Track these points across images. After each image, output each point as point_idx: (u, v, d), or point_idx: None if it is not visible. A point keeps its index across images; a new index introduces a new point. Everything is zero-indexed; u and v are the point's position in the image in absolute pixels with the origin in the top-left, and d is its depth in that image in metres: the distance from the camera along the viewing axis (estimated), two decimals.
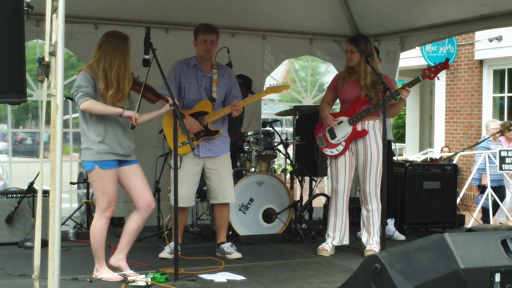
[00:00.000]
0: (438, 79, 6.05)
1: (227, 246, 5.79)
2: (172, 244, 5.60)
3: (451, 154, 11.56)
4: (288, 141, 6.92)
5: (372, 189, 5.77)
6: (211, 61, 5.80)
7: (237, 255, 5.74)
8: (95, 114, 4.71)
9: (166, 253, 5.63)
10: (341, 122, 5.86)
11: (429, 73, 5.72)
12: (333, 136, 5.88)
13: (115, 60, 4.70)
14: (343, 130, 5.84)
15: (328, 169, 6.27)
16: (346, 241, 5.97)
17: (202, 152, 5.69)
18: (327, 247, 5.87)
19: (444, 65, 5.71)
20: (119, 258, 4.92)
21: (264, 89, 6.16)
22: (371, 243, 5.79)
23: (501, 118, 12.30)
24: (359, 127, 5.80)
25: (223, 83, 5.77)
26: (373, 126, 5.81)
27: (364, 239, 5.87)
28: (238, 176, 6.54)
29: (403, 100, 5.73)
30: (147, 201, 4.89)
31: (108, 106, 4.68)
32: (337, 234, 5.90)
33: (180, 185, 5.52)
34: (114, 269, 4.91)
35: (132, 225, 4.92)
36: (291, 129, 7.63)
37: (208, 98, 5.72)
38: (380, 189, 5.80)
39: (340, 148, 5.82)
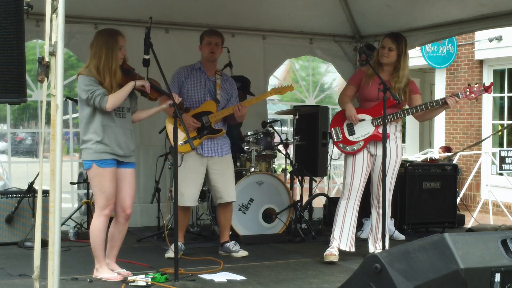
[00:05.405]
0: (477, 101, 5.87)
1: (232, 245, 5.85)
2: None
3: (450, 154, 11.55)
4: (288, 141, 6.92)
5: (387, 192, 5.39)
6: (215, 67, 5.89)
7: (244, 253, 5.80)
8: (94, 115, 4.76)
9: (172, 253, 5.62)
10: (363, 120, 5.57)
11: (469, 93, 5.46)
12: (352, 132, 5.60)
13: (101, 55, 4.76)
14: (364, 129, 5.57)
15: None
16: (353, 248, 5.60)
17: (205, 151, 5.72)
18: (334, 252, 5.52)
19: (487, 88, 5.47)
20: (106, 262, 4.96)
21: (269, 90, 6.21)
22: (378, 248, 5.53)
23: (501, 118, 12.29)
24: (381, 129, 5.37)
25: (225, 89, 5.88)
26: (395, 128, 5.59)
27: (371, 248, 5.63)
28: (238, 176, 6.52)
29: (447, 106, 5.47)
30: (123, 206, 4.92)
31: (122, 89, 4.76)
32: (344, 236, 5.55)
33: (187, 184, 5.56)
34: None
35: (111, 229, 5.00)
36: (291, 129, 7.62)
37: (212, 99, 5.77)
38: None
39: (358, 146, 5.56)
